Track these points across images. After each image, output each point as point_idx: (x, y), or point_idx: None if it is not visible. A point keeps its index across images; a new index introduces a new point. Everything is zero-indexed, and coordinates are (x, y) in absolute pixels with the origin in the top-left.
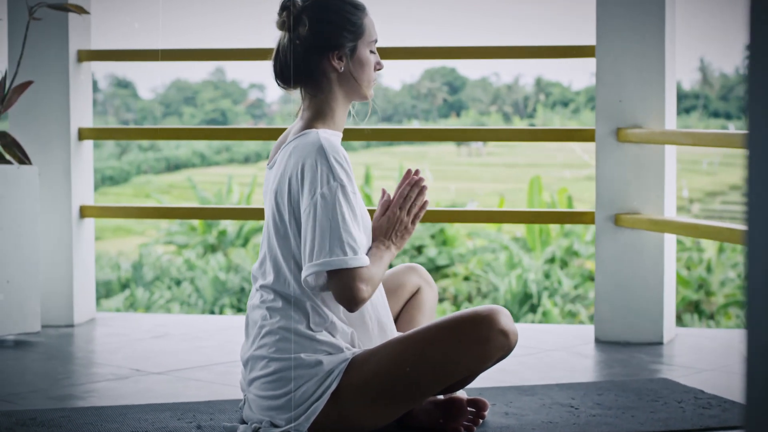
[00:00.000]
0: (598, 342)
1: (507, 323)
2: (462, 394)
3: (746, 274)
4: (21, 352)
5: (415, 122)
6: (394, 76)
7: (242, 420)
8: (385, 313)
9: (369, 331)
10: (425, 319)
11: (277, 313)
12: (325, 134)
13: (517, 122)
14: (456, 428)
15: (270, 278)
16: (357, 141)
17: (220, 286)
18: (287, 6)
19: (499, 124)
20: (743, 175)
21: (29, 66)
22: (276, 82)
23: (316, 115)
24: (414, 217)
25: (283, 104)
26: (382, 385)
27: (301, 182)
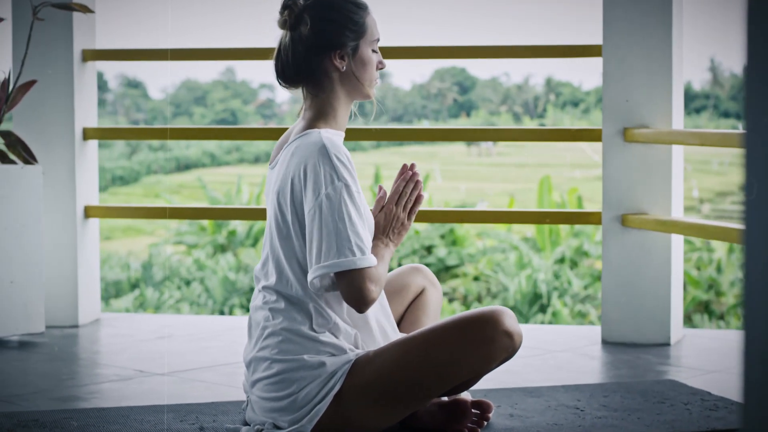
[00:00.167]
0: (605, 343)
1: (511, 324)
2: (466, 395)
3: (744, 275)
4: (25, 353)
5: (425, 122)
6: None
7: (245, 422)
8: (388, 314)
9: (372, 332)
10: (430, 320)
11: (279, 314)
12: (328, 134)
13: (528, 122)
14: (460, 430)
15: (272, 279)
16: (366, 141)
17: (230, 286)
18: (289, 5)
19: (509, 124)
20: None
21: (34, 65)
22: (278, 82)
23: (318, 115)
24: (410, 212)
25: (294, 104)
26: (386, 387)
27: (304, 183)
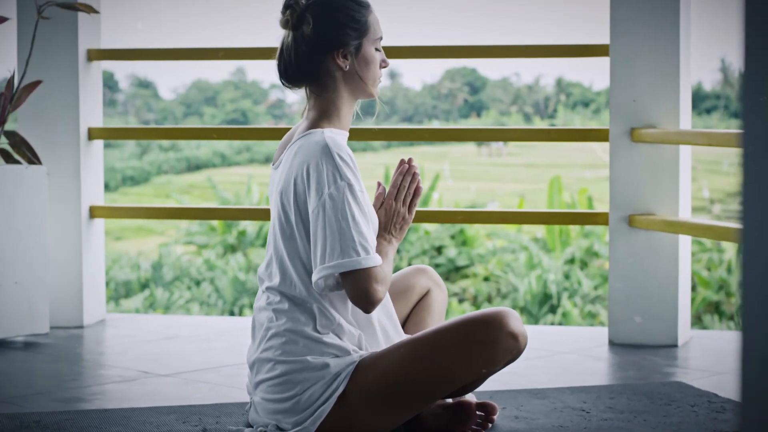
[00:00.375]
0: (612, 344)
1: (516, 325)
2: (471, 397)
3: (741, 275)
4: (29, 354)
5: (436, 122)
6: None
7: (248, 423)
8: (391, 315)
9: (376, 333)
10: (434, 321)
11: (283, 315)
12: (331, 133)
13: (538, 123)
14: None
15: (276, 280)
16: (376, 141)
17: (240, 287)
18: (290, 4)
19: (520, 124)
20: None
21: (39, 65)
22: (281, 82)
23: (321, 115)
24: (410, 206)
25: (304, 105)
26: (390, 389)
27: (307, 183)
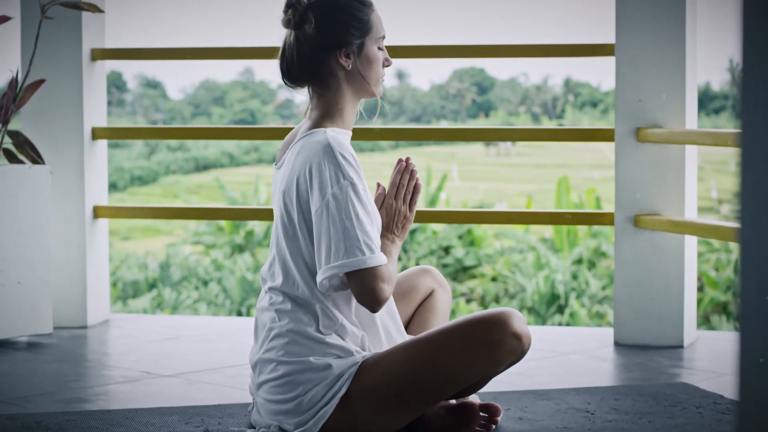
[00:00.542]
0: (618, 345)
1: (520, 326)
2: (474, 398)
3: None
4: (32, 354)
5: (444, 123)
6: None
7: (250, 424)
8: (393, 315)
9: (379, 334)
10: (438, 322)
11: (285, 315)
12: (333, 133)
13: (546, 123)
14: None
15: (279, 280)
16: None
17: (248, 287)
18: (293, 3)
19: (528, 124)
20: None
21: (42, 65)
22: (283, 82)
23: (324, 114)
24: (410, 204)
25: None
26: (393, 390)
27: (309, 182)
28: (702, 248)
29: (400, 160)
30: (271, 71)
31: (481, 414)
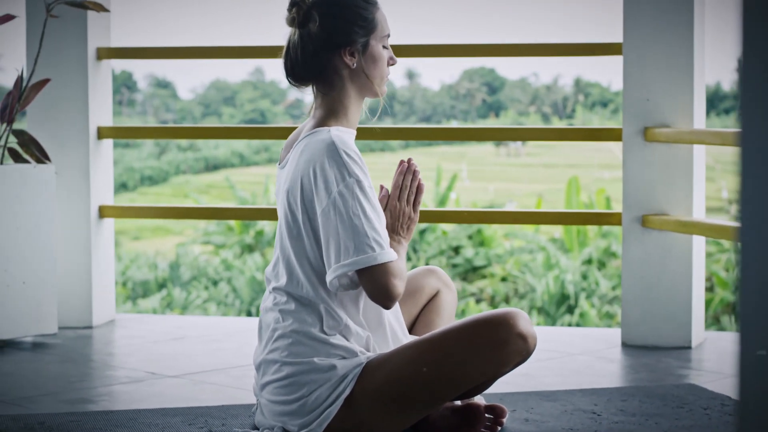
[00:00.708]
0: (625, 346)
1: (525, 326)
2: (480, 399)
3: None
4: (37, 354)
5: (454, 122)
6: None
7: (254, 425)
8: (398, 315)
9: (386, 334)
10: (444, 322)
11: (290, 315)
12: (338, 132)
13: (556, 123)
14: None
15: (283, 280)
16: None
17: (257, 287)
18: (297, 2)
19: (538, 124)
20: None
21: (48, 64)
22: (287, 80)
23: (328, 113)
24: (414, 204)
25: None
26: (398, 391)
27: (314, 182)
28: (712, 248)
29: (402, 162)
30: (281, 71)
31: (487, 415)
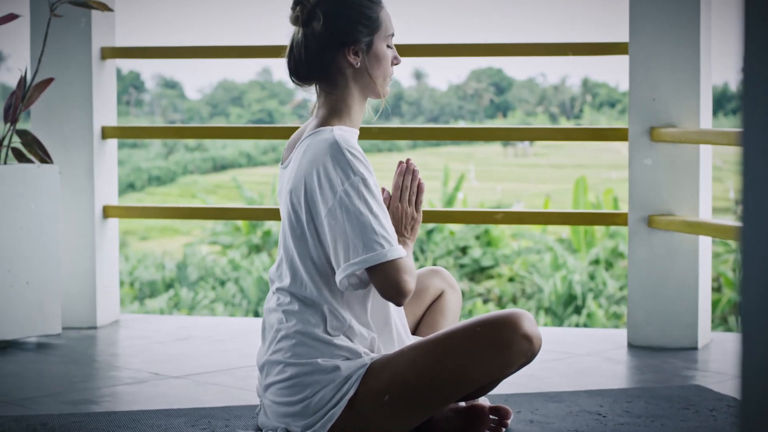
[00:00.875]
0: (631, 347)
1: (530, 327)
2: (484, 401)
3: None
4: (40, 355)
5: (462, 123)
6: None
7: (257, 426)
8: (402, 316)
9: (392, 335)
10: (448, 323)
11: (293, 316)
12: (340, 131)
13: (564, 123)
14: None
15: (287, 281)
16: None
17: (265, 287)
18: (301, 0)
19: (546, 124)
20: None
21: (52, 63)
22: (291, 80)
23: (331, 113)
24: (416, 204)
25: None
26: (401, 392)
27: (318, 182)
28: (720, 249)
29: (401, 162)
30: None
31: (491, 416)
